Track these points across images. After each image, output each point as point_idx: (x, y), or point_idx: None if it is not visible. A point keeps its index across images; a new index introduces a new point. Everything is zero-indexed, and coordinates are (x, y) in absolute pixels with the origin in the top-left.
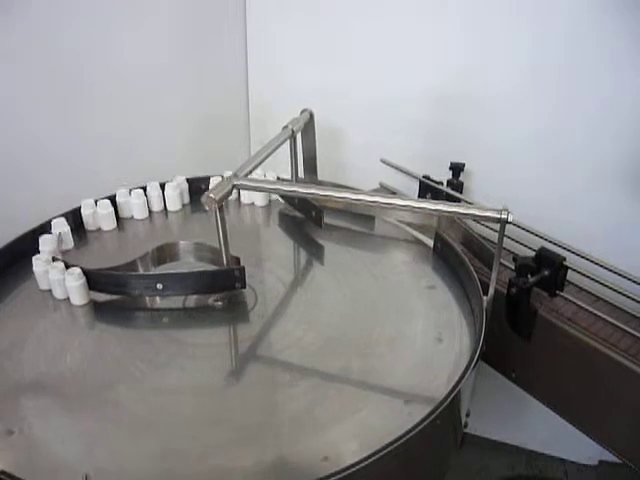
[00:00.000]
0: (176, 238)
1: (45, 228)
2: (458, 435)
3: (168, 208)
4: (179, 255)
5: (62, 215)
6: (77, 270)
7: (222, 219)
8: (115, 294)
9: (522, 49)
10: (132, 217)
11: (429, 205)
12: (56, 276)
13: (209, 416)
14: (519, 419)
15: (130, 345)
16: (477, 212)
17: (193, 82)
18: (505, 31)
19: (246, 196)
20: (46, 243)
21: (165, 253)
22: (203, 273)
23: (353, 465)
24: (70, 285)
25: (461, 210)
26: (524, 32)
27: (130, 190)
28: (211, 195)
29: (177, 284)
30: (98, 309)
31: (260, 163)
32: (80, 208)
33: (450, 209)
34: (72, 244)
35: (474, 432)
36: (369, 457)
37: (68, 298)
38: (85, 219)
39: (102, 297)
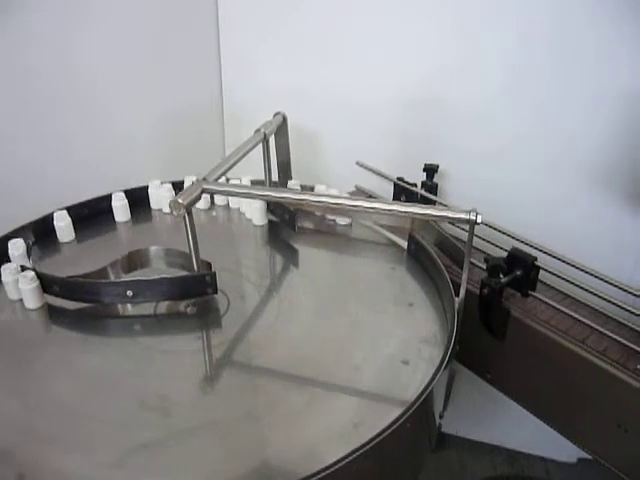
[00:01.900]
0: (152, 244)
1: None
2: (432, 436)
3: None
4: (150, 261)
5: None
6: (30, 273)
7: (191, 224)
8: (86, 302)
9: (501, 52)
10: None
11: (399, 208)
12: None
13: (184, 423)
14: (500, 419)
15: (100, 353)
16: (447, 214)
17: (164, 84)
18: (483, 33)
19: (221, 199)
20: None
21: (136, 259)
22: (173, 279)
23: (326, 468)
24: (24, 288)
25: (431, 212)
26: (503, 34)
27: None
28: (179, 200)
29: (147, 291)
30: (68, 317)
31: (231, 167)
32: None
33: (420, 211)
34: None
35: (456, 433)
36: (340, 460)
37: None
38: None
39: (73, 305)
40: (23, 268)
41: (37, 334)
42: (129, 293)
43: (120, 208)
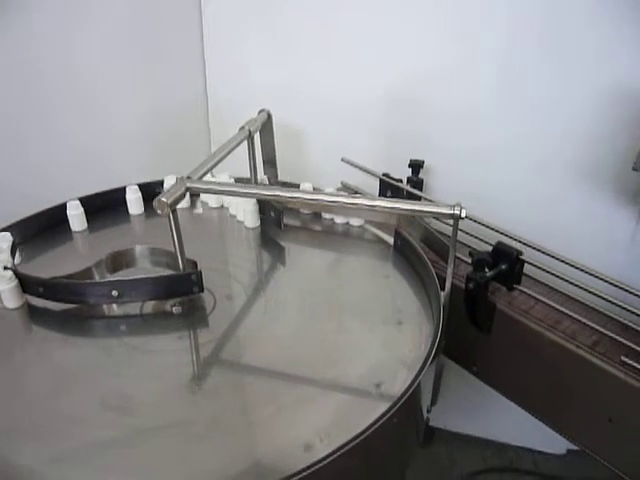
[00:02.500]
0: (138, 243)
1: None
2: (419, 431)
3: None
4: (135, 261)
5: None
6: (9, 273)
7: (176, 223)
8: (71, 303)
9: (488, 51)
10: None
11: (383, 203)
12: None
13: (173, 423)
14: (488, 412)
15: (81, 352)
16: (431, 209)
17: (148, 83)
18: (471, 32)
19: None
20: None
21: (121, 259)
22: (159, 278)
23: (314, 464)
24: (2, 287)
25: (415, 207)
26: (491, 34)
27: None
28: (163, 199)
29: (132, 291)
30: (51, 317)
31: (215, 165)
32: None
33: (404, 206)
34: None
35: (444, 427)
36: (327, 457)
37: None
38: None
39: (59, 306)
40: (5, 268)
41: (16, 333)
42: (114, 293)
43: (134, 201)
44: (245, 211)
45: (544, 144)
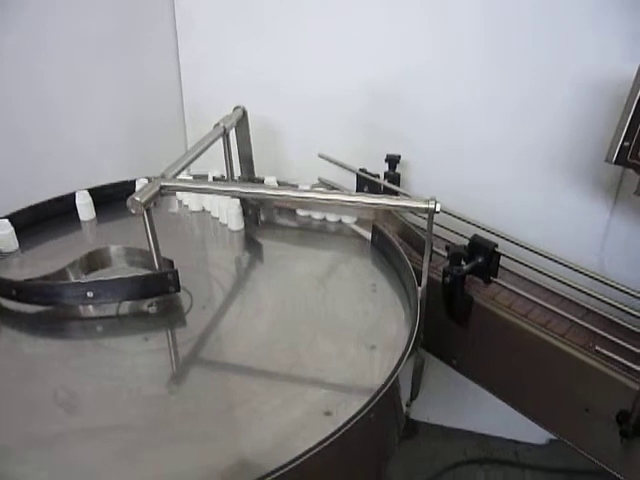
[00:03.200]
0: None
1: None
2: (399, 425)
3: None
4: (111, 261)
5: None
6: None
7: (150, 222)
8: (45, 305)
9: (464, 48)
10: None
11: (358, 199)
12: None
13: (153, 424)
14: (470, 404)
15: (62, 356)
16: (406, 203)
17: (122, 82)
18: (448, 29)
19: (184, 197)
20: None
21: (96, 259)
22: (134, 278)
23: (291, 462)
24: None
25: (390, 202)
26: (467, 30)
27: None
28: (136, 198)
29: (108, 291)
30: (26, 320)
31: (189, 163)
32: None
33: (379, 201)
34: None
35: (427, 420)
36: (304, 454)
37: None
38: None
39: (33, 308)
40: None
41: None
42: (89, 294)
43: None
44: (229, 214)
45: (520, 137)
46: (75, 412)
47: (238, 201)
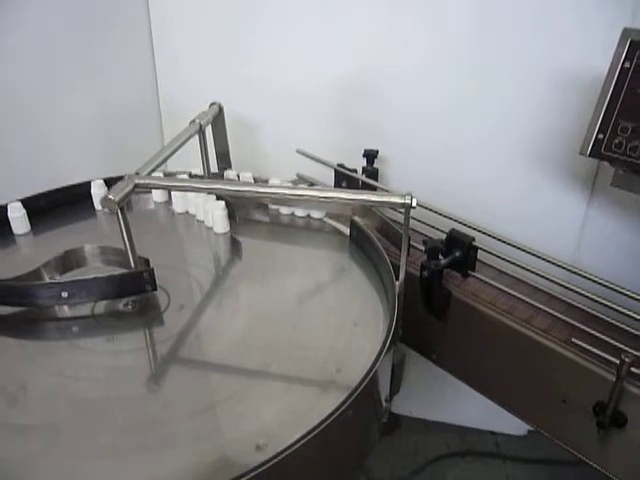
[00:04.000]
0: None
1: None
2: (379, 420)
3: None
4: (86, 260)
5: None
6: None
7: (125, 221)
8: (18, 306)
9: (434, 38)
10: None
11: (334, 194)
12: None
13: (133, 424)
14: (450, 398)
15: (36, 358)
16: (382, 198)
17: (97, 82)
18: (418, 19)
19: (158, 194)
20: None
21: (71, 259)
22: (110, 277)
23: (268, 460)
24: None
25: (366, 197)
26: (436, 19)
27: None
28: (110, 196)
29: (83, 291)
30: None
31: (165, 160)
32: None
33: (355, 197)
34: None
35: (409, 414)
36: (282, 452)
37: None
38: None
39: (6, 310)
40: None
41: None
42: (64, 294)
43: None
44: (214, 216)
45: (499, 133)
46: (14, 406)
47: (223, 203)
